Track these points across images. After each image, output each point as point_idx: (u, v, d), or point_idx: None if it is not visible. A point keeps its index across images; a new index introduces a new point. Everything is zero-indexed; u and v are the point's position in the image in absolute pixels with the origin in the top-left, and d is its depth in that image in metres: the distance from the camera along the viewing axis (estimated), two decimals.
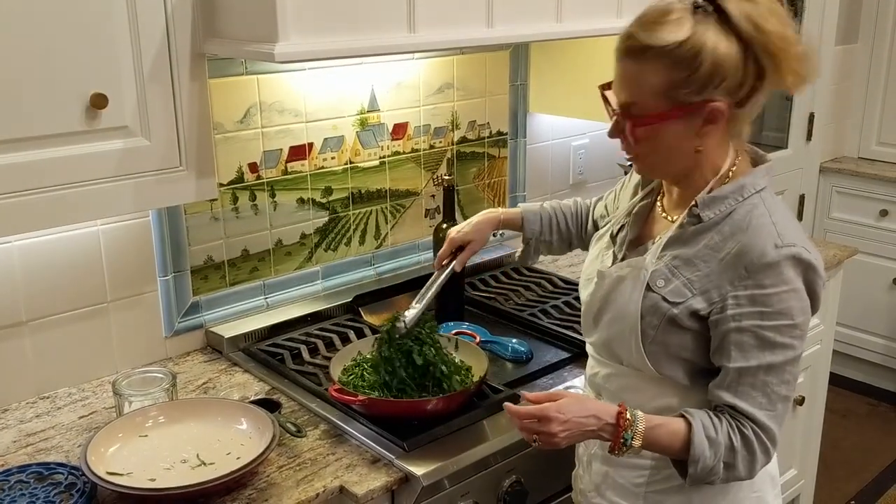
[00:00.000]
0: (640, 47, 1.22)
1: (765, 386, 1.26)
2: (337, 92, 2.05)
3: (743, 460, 1.27)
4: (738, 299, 1.25)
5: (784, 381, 1.27)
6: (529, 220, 1.72)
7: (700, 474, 1.27)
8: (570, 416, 1.26)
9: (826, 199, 3.99)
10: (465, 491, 1.52)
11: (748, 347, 1.25)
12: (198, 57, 1.50)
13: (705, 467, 1.26)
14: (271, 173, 1.98)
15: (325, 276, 2.15)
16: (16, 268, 1.66)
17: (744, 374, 1.26)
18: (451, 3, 1.59)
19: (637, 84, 1.25)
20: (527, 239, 1.73)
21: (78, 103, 1.38)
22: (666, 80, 1.21)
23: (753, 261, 1.24)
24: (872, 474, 3.36)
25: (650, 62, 1.22)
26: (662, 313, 1.30)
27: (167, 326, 1.90)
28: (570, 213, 1.76)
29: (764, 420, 1.26)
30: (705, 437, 1.25)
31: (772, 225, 1.26)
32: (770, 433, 1.27)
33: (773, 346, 1.25)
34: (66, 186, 1.40)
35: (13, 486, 1.39)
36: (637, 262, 1.35)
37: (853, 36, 3.92)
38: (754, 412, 1.26)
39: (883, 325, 3.86)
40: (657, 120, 1.25)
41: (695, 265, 1.29)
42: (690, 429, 1.25)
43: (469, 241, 1.67)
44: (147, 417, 1.53)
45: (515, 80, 2.44)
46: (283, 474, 1.46)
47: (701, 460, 1.25)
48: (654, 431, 1.27)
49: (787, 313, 1.24)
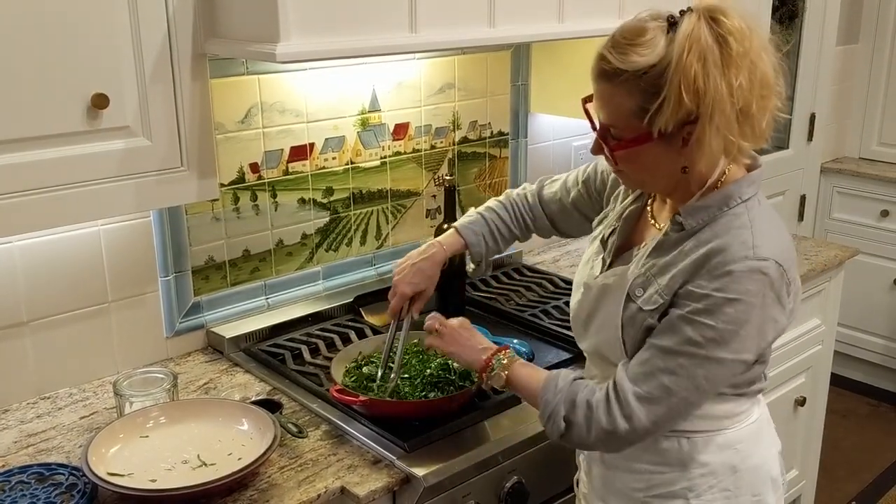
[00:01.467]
0: (612, 70, 1.20)
1: (649, 365, 1.24)
2: (338, 92, 2.04)
3: (584, 419, 1.27)
4: (689, 292, 1.22)
5: (670, 369, 1.22)
6: (472, 242, 1.65)
7: (542, 414, 1.31)
8: (473, 332, 1.49)
9: (827, 200, 3.98)
10: (467, 492, 1.52)
11: (662, 330, 1.25)
12: (199, 57, 1.50)
13: (546, 411, 1.30)
14: (272, 173, 1.98)
15: (326, 277, 2.15)
16: (17, 268, 1.66)
17: (640, 348, 1.27)
18: (453, 3, 1.59)
19: (612, 106, 1.23)
20: (476, 261, 1.68)
21: (79, 103, 1.38)
22: (637, 104, 1.19)
23: (718, 265, 1.21)
24: (873, 475, 3.35)
25: (622, 85, 1.19)
26: (640, 323, 1.29)
27: (168, 327, 1.90)
28: (507, 216, 1.69)
29: (627, 394, 1.24)
30: (554, 384, 1.31)
31: (750, 236, 1.23)
32: (627, 408, 1.23)
33: (674, 333, 1.22)
34: (67, 186, 1.40)
35: (14, 487, 1.39)
36: (621, 270, 1.35)
37: (854, 36, 3.91)
38: (623, 382, 1.25)
39: (884, 326, 3.85)
40: (633, 144, 1.23)
41: (668, 271, 1.27)
42: (548, 374, 1.33)
43: (422, 290, 1.60)
44: (148, 418, 1.53)
45: (517, 81, 2.44)
46: (285, 475, 1.46)
47: (542, 399, 1.31)
48: (521, 369, 1.38)
49: (713, 313, 1.20)
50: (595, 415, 1.26)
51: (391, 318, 1.62)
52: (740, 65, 1.15)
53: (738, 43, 1.15)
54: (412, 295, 1.60)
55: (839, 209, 3.96)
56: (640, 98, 1.18)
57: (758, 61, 1.18)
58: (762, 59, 1.18)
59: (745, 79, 1.16)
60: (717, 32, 1.15)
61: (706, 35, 1.15)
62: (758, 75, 1.17)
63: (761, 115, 1.20)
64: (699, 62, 1.14)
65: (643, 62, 1.17)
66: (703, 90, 1.14)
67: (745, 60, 1.16)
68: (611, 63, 1.19)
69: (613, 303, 1.33)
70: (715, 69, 1.14)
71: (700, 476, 1.36)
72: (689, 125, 1.18)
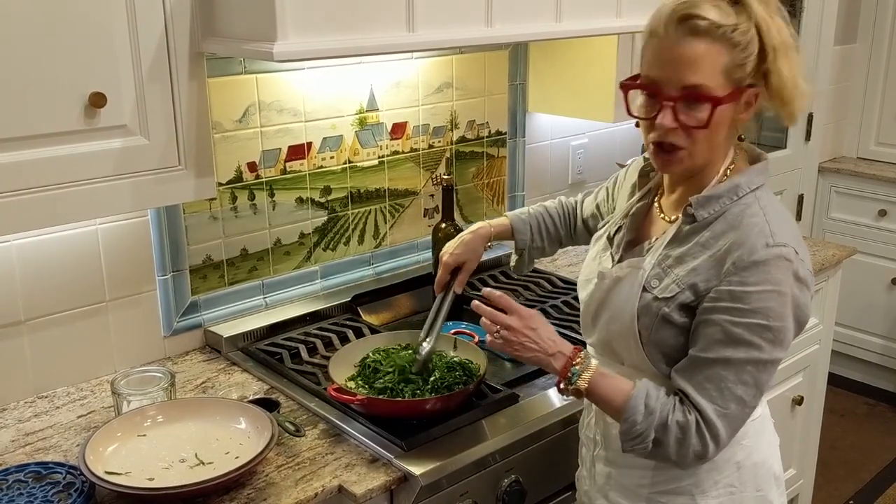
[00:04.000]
0: (708, 25, 1.19)
1: (720, 380, 1.24)
2: (336, 91, 2.04)
3: (675, 442, 1.25)
4: (719, 293, 1.24)
5: (742, 380, 1.24)
6: (519, 229, 1.71)
7: (629, 433, 1.27)
8: (540, 330, 1.35)
9: (825, 200, 3.99)
10: (464, 490, 1.52)
11: (713, 341, 1.24)
12: (197, 56, 1.50)
13: (634, 430, 1.26)
14: (270, 173, 1.98)
15: (324, 276, 2.15)
16: (14, 267, 1.66)
17: (701, 364, 1.25)
18: (451, 2, 1.59)
19: (707, 64, 1.20)
20: (519, 249, 1.73)
21: (77, 102, 1.38)
22: (730, 62, 1.21)
23: (742, 257, 1.23)
24: (871, 474, 3.36)
25: (717, 42, 1.20)
26: (655, 313, 1.30)
27: (166, 326, 1.90)
28: (556, 214, 1.76)
29: (710, 414, 1.24)
30: (643, 403, 1.26)
31: (765, 223, 1.26)
32: (713, 429, 1.24)
33: (737, 343, 1.23)
34: (64, 185, 1.40)
35: (11, 486, 1.39)
36: (636, 262, 1.36)
37: (852, 36, 3.92)
38: (702, 403, 1.25)
39: (881, 325, 3.86)
40: (729, 100, 1.23)
41: (685, 262, 1.29)
42: (632, 390, 1.27)
43: (463, 261, 1.65)
44: (146, 417, 1.53)
45: (514, 80, 2.44)
46: (282, 474, 1.46)
47: (630, 419, 1.26)
48: (601, 380, 1.31)
49: (762, 313, 1.22)
50: (688, 439, 1.25)
51: (438, 292, 1.66)
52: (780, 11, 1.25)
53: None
54: (454, 266, 1.64)
55: (837, 209, 3.97)
56: (733, 53, 1.21)
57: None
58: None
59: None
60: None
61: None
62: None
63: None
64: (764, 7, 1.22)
65: (735, 18, 1.20)
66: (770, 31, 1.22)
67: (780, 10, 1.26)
68: (706, 18, 1.19)
69: (627, 294, 1.34)
70: (776, 13, 1.24)
71: (705, 472, 1.37)
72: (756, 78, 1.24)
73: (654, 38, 1.24)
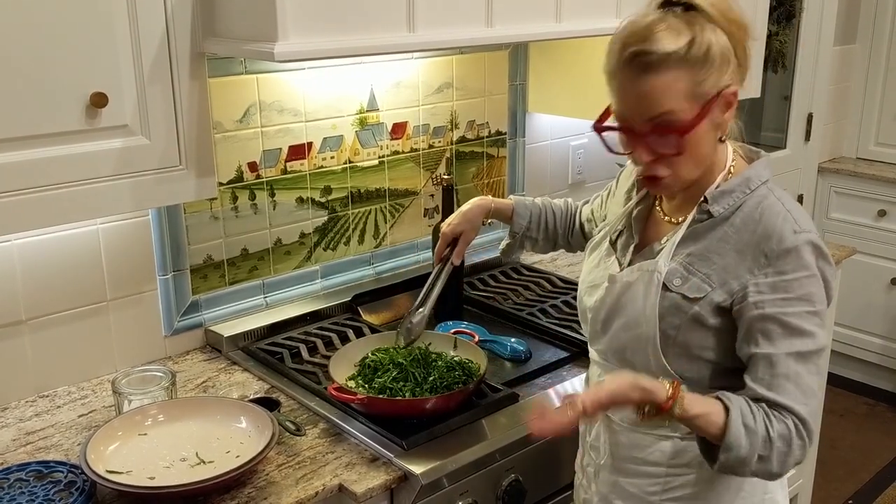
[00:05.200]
0: (658, 58, 1.18)
1: (798, 377, 1.22)
2: (336, 91, 2.05)
3: (778, 454, 1.20)
4: (758, 287, 1.23)
5: (811, 371, 1.22)
6: (520, 213, 1.72)
7: (731, 463, 1.19)
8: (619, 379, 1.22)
9: (824, 200, 3.99)
10: (464, 489, 1.52)
11: (774, 335, 1.22)
12: (198, 56, 1.50)
13: (738, 457, 1.18)
14: (271, 172, 1.98)
15: (325, 276, 2.15)
16: (15, 266, 1.67)
17: (774, 363, 1.22)
18: (451, 2, 1.59)
19: (668, 94, 1.20)
20: (514, 233, 1.73)
21: (78, 102, 1.38)
22: (691, 83, 1.20)
23: (773, 247, 1.24)
24: (870, 474, 3.36)
25: (672, 70, 1.19)
26: (684, 312, 1.28)
27: (167, 325, 1.90)
28: (559, 212, 1.75)
29: (803, 413, 1.21)
30: (742, 426, 1.18)
31: (786, 212, 1.26)
32: (808, 427, 1.21)
33: (799, 333, 1.22)
34: (65, 185, 1.41)
35: (13, 485, 1.39)
36: (647, 265, 1.33)
37: (851, 36, 3.92)
38: (793, 405, 1.21)
39: (881, 325, 3.86)
40: (698, 121, 1.21)
41: (710, 259, 1.28)
42: (728, 415, 1.18)
43: (461, 231, 1.67)
44: (146, 416, 1.54)
45: (514, 80, 2.44)
46: (283, 473, 1.46)
47: (735, 449, 1.18)
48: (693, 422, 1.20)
49: (808, 299, 1.23)
50: (792, 448, 1.21)
51: (436, 263, 1.69)
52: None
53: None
54: (452, 237, 1.66)
55: (836, 209, 3.97)
56: (692, 73, 1.20)
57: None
58: None
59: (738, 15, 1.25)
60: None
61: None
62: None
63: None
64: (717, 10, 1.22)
65: (683, 41, 1.19)
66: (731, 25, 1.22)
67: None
68: (653, 51, 1.18)
69: (643, 298, 1.31)
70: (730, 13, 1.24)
71: (720, 478, 1.34)
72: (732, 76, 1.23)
73: (613, 79, 1.24)
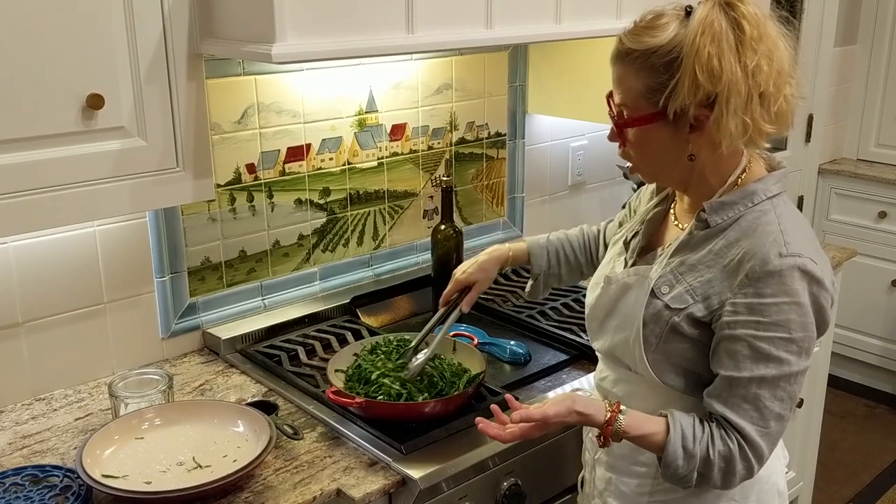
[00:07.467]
0: (624, 51, 1.26)
1: (756, 399, 1.23)
2: (335, 93, 2.04)
3: (719, 472, 1.24)
4: (735, 306, 1.23)
5: (777, 397, 1.23)
6: (536, 255, 1.68)
7: (670, 479, 1.27)
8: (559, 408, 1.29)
9: (825, 201, 3.99)
10: (463, 494, 1.51)
11: (741, 357, 1.22)
12: (195, 57, 1.49)
13: (676, 475, 1.25)
14: (269, 174, 1.98)
15: (323, 278, 2.14)
16: (12, 269, 1.66)
17: (735, 384, 1.23)
18: (450, 3, 1.59)
19: (624, 86, 1.27)
20: (535, 275, 1.70)
21: (74, 104, 1.38)
22: (646, 84, 1.23)
23: (755, 268, 1.21)
24: (871, 476, 3.35)
25: (632, 65, 1.24)
26: (665, 321, 1.28)
27: (164, 328, 1.89)
28: (577, 242, 1.72)
29: (753, 435, 1.23)
30: (681, 447, 1.23)
31: (779, 233, 1.23)
32: (757, 450, 1.24)
33: (766, 359, 1.22)
34: (62, 187, 1.40)
35: (8, 489, 1.38)
36: (643, 269, 1.34)
37: (852, 37, 3.92)
38: (744, 425, 1.23)
39: (881, 327, 3.86)
40: (640, 122, 1.26)
41: (698, 270, 1.28)
42: (667, 436, 1.24)
43: (474, 281, 1.64)
44: (143, 419, 1.53)
45: (514, 81, 2.43)
46: (280, 477, 1.46)
47: (671, 468, 1.24)
48: (636, 442, 1.28)
49: (784, 325, 1.21)
50: (733, 467, 1.24)
51: (442, 306, 1.66)
52: (756, 48, 1.19)
53: (753, 27, 1.19)
54: (465, 285, 1.64)
55: (837, 210, 3.96)
56: (648, 78, 1.23)
57: (773, 48, 1.21)
58: (778, 46, 1.22)
59: (762, 62, 1.19)
60: (732, 17, 1.20)
61: (720, 19, 1.19)
62: (774, 60, 1.21)
63: (777, 99, 1.22)
64: (713, 44, 1.18)
65: (652, 42, 1.22)
66: (717, 71, 1.18)
67: (761, 45, 1.19)
68: (623, 44, 1.26)
69: (634, 301, 1.33)
70: (730, 52, 1.18)
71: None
72: (705, 108, 1.21)
73: None
